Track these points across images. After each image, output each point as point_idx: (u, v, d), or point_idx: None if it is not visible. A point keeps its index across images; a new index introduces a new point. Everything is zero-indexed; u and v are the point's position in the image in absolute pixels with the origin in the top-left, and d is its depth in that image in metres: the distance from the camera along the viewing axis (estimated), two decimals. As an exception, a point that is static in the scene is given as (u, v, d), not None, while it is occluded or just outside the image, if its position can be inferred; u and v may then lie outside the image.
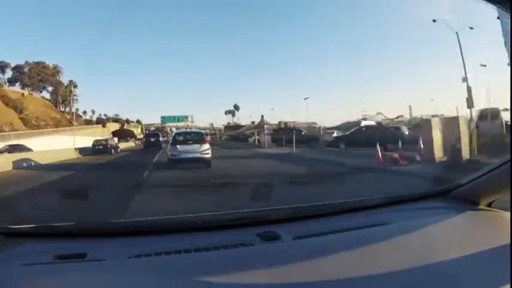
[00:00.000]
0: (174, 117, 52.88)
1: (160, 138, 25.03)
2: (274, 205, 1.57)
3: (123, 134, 45.05)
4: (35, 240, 1.16)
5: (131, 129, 60.81)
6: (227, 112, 68.22)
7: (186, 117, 52.04)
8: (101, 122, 59.73)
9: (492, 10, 0.97)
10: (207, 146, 11.70)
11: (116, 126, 58.41)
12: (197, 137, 12.44)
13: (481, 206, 1.39)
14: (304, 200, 3.50)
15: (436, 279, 0.89)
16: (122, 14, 61.57)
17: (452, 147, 9.14)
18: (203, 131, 15.40)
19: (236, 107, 68.67)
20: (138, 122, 68.57)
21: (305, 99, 40.55)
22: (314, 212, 1.41)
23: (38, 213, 4.40)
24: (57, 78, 52.78)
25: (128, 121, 67.78)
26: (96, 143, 23.76)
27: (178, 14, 61.64)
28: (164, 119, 53.51)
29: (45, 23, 60.44)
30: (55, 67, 52.89)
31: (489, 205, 1.39)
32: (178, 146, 11.66)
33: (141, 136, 57.92)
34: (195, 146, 11.61)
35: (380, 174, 8.66)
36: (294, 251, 1.07)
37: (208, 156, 11.48)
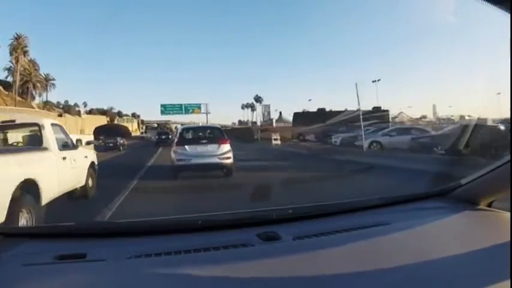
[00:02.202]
0: (180, 106, 37.41)
1: (170, 136, 25.90)
2: (273, 205, 1.57)
3: (111, 130, 30.65)
4: (35, 240, 1.17)
5: (123, 124, 46.03)
6: (245, 106, 55.88)
7: (198, 106, 37.34)
8: (68, 109, 44.23)
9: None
10: (227, 147, 8.54)
11: (102, 120, 44.29)
12: (213, 134, 9.22)
13: (481, 206, 1.38)
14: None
15: (436, 279, 0.89)
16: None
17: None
18: (219, 126, 11.26)
19: (258, 99, 54.09)
20: (134, 115, 54.64)
21: (374, 81, 28.25)
22: (314, 212, 1.41)
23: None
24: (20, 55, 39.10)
25: (120, 114, 54.19)
26: (107, 140, 26.23)
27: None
28: (165, 108, 37.62)
29: (35, 15, 57.27)
30: (19, 36, 38.11)
31: (489, 205, 1.38)
32: (187, 147, 8.39)
33: (138, 134, 46.05)
34: (211, 147, 8.44)
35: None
36: (294, 251, 1.07)
37: (230, 161, 8.44)
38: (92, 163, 6.28)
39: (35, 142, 4.93)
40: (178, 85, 72.47)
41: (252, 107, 57.40)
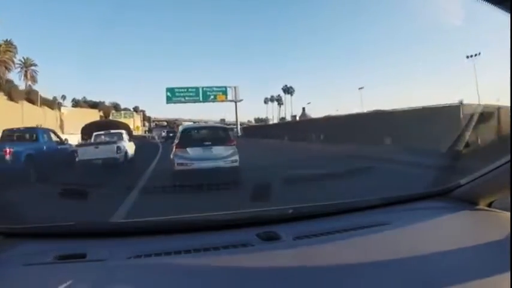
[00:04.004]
0: (196, 90, 26.25)
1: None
2: (273, 205, 1.57)
3: (106, 129, 16.03)
4: (35, 240, 1.17)
5: (120, 119, 34.14)
6: (269, 100, 43.65)
7: (223, 90, 26.11)
8: (9, 92, 29.52)
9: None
10: (233, 148, 7.83)
11: (93, 115, 33.62)
12: (217, 134, 8.47)
13: (481, 206, 1.38)
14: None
15: (436, 279, 0.89)
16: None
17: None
18: (224, 126, 9.99)
19: (288, 90, 41.24)
20: (136, 110, 42.74)
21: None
22: (314, 212, 1.41)
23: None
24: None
25: (117, 107, 42.42)
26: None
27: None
28: (173, 94, 26.30)
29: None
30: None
31: (489, 205, 1.39)
32: (189, 150, 7.64)
33: (140, 133, 35.91)
34: (217, 150, 7.72)
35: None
36: (294, 251, 1.07)
37: (236, 165, 7.64)
38: (134, 148, 12.51)
39: (119, 139, 11.31)
40: (189, 77, 62.02)
41: (278, 100, 43.62)
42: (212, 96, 26.50)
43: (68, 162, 9.43)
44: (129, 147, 11.51)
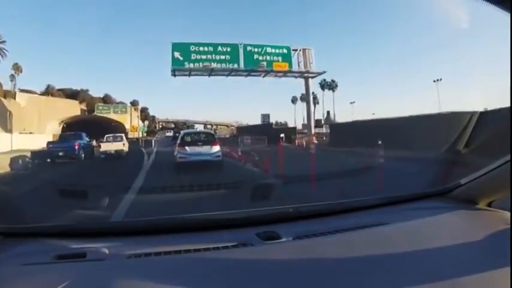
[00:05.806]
0: (231, 50, 16.33)
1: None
2: (273, 205, 1.58)
3: (91, 129, 18.55)
4: (35, 240, 1.17)
5: (110, 115, 27.90)
6: (298, 98, 34.80)
7: (284, 54, 16.65)
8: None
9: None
10: (218, 147, 11.15)
11: (71, 108, 27.19)
12: (207, 137, 11.92)
13: (481, 206, 1.39)
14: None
15: (436, 279, 0.89)
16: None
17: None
18: (212, 132, 14.20)
19: (330, 85, 33.62)
20: (135, 104, 34.33)
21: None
22: (314, 212, 1.41)
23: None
24: None
25: (105, 100, 33.66)
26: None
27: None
28: (186, 56, 16.98)
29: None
30: None
31: (489, 205, 1.39)
32: (187, 148, 10.95)
33: (136, 134, 28.42)
34: (206, 148, 11.00)
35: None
36: (294, 251, 1.07)
37: (220, 159, 10.99)
38: (127, 146, 17.83)
39: (122, 140, 17.68)
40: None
41: (314, 98, 31.27)
42: (265, 63, 15.29)
43: (91, 151, 16.68)
44: (127, 145, 17.87)
